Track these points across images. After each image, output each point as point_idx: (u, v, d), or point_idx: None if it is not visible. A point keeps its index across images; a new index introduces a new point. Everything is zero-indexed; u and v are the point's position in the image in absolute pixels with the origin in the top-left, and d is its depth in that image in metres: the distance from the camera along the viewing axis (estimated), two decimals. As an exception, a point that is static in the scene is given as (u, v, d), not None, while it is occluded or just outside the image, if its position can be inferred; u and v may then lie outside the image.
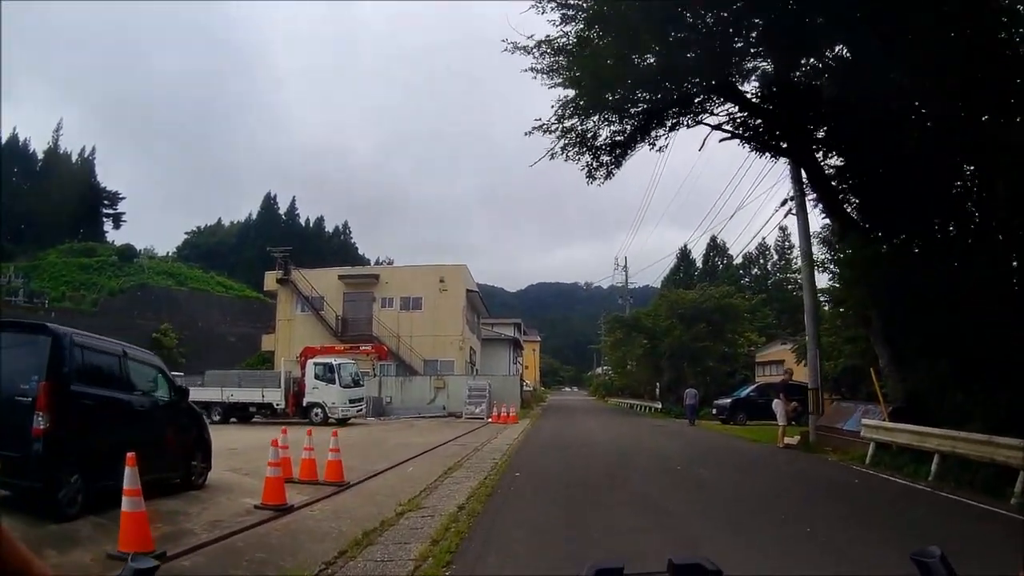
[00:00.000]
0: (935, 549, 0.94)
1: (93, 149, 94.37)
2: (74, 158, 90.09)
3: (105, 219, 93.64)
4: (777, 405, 23.43)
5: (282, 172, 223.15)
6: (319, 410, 34.60)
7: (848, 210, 21.70)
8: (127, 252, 75.61)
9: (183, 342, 59.83)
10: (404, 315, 50.74)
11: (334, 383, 34.99)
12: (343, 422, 34.35)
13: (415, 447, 21.88)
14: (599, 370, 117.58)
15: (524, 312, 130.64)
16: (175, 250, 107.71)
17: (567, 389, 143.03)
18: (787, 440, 22.71)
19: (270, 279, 55.07)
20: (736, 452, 22.33)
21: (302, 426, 33.19)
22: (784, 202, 26.14)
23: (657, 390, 53.31)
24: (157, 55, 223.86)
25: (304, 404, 35.00)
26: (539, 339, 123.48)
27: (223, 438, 17.40)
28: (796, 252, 77.78)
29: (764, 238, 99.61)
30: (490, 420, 37.85)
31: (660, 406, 48.92)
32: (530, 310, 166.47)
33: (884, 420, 18.22)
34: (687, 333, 47.08)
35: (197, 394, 33.93)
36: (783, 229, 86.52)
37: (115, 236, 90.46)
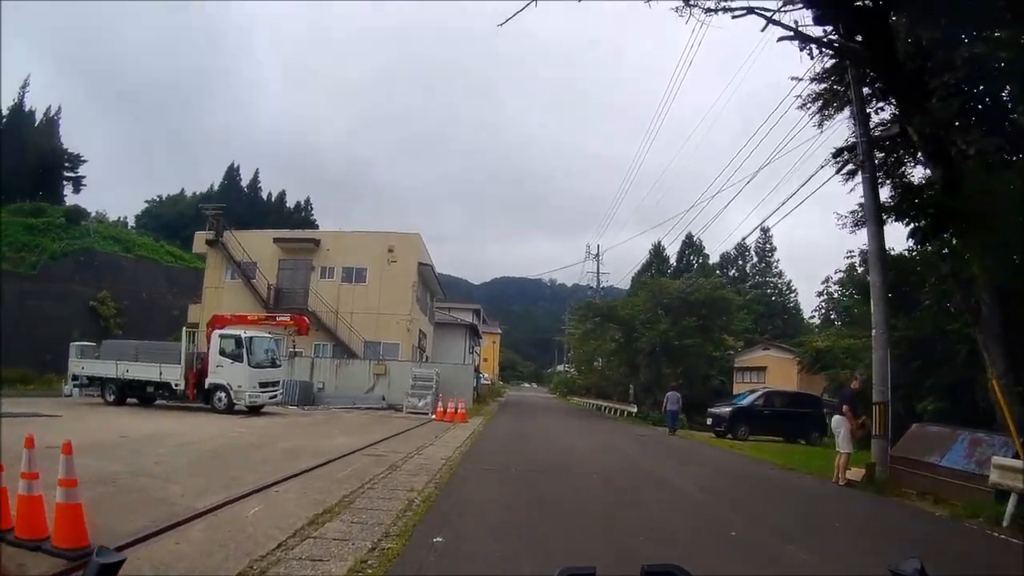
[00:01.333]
0: (914, 561, 0.86)
1: (59, 109, 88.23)
2: (38, 117, 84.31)
3: (65, 182, 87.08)
4: (839, 423, 16.06)
5: (249, 146, 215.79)
6: (223, 394, 27.71)
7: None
8: (75, 214, 68.28)
9: (124, 312, 52.47)
10: (346, 288, 43.26)
11: (242, 361, 27.76)
12: (255, 410, 27.96)
13: (309, 456, 15.00)
14: (560, 367, 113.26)
15: (487, 304, 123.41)
16: (134, 218, 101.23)
17: (526, 385, 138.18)
18: (849, 474, 15.58)
19: (199, 240, 47.46)
20: (783, 490, 14.97)
21: (206, 414, 26.48)
22: (839, 152, 19.41)
23: (631, 391, 46.29)
24: (132, 21, 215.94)
25: (206, 386, 27.91)
26: (500, 331, 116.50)
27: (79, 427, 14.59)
28: (777, 256, 71.77)
29: (744, 238, 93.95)
30: (434, 417, 30.94)
31: (635, 410, 41.77)
32: (493, 303, 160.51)
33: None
34: (673, 327, 40.02)
35: (93, 369, 30.11)
36: (764, 231, 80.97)
37: (75, 201, 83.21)
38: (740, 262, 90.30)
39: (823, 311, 62.20)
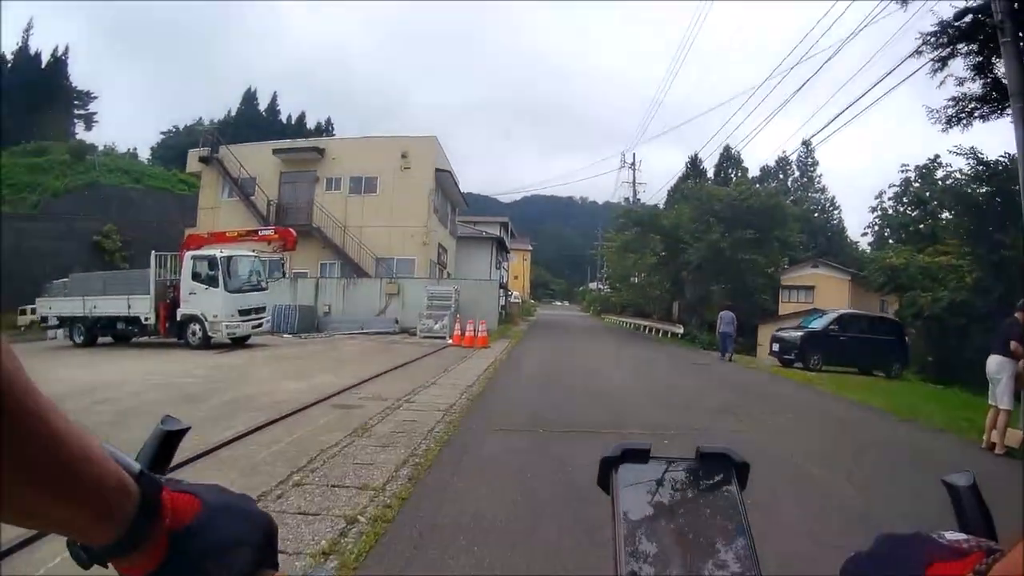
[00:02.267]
0: (969, 474, 0.78)
1: (67, 49, 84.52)
2: (45, 59, 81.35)
3: (77, 120, 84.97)
4: (1002, 367, 10.65)
5: (271, 72, 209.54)
6: (196, 327, 23.68)
7: None
8: (80, 150, 64.72)
9: (132, 245, 48.58)
10: (354, 200, 38.44)
11: (217, 285, 23.55)
12: (240, 342, 24.08)
13: (249, 413, 10.73)
14: (593, 284, 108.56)
15: (518, 223, 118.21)
16: (149, 150, 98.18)
17: (558, 303, 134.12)
18: (1008, 438, 10.51)
19: (193, 159, 43.10)
20: (927, 462, 9.67)
21: (180, 351, 22.36)
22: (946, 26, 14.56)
23: (674, 310, 41.36)
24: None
25: (178, 318, 23.81)
26: (531, 247, 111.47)
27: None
28: (819, 170, 65.79)
29: (784, 151, 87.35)
30: (451, 342, 26.57)
31: (681, 330, 36.87)
32: (524, 222, 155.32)
33: None
34: (726, 239, 34.77)
35: (60, 307, 25.31)
36: (806, 144, 74.35)
37: (88, 137, 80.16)
38: (781, 176, 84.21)
39: (876, 228, 56.66)
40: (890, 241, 50.29)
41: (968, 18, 14.64)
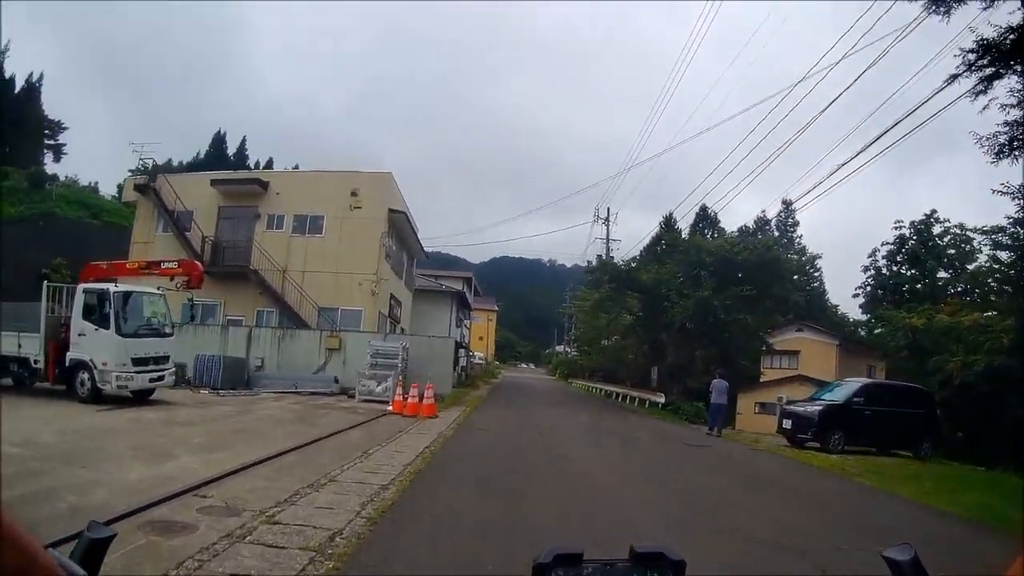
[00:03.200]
0: (908, 547, 0.90)
1: (41, 75, 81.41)
2: (19, 84, 77.38)
3: (46, 150, 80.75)
4: None
5: (242, 120, 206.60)
6: (86, 375, 18.55)
7: None
8: (38, 177, 62.90)
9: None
10: (297, 241, 33.61)
11: (108, 327, 18.56)
12: (142, 396, 19.50)
13: (41, 520, 4.82)
14: (560, 348, 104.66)
15: (485, 284, 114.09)
16: (116, 188, 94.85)
17: (523, 366, 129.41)
18: None
19: (129, 187, 37.96)
20: None
21: (64, 403, 17.60)
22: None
23: (653, 376, 36.76)
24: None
25: (67, 363, 18.77)
26: (496, 308, 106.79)
27: None
28: (800, 231, 62.01)
29: (764, 211, 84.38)
30: (391, 409, 21.73)
31: (662, 400, 32.17)
32: (492, 283, 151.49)
33: None
34: (718, 296, 30.42)
35: None
36: (787, 204, 71.24)
37: (56, 169, 78.89)
38: (760, 236, 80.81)
39: (868, 288, 52.61)
40: (883, 304, 46.57)
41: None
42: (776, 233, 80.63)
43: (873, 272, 51.63)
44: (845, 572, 6.99)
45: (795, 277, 41.41)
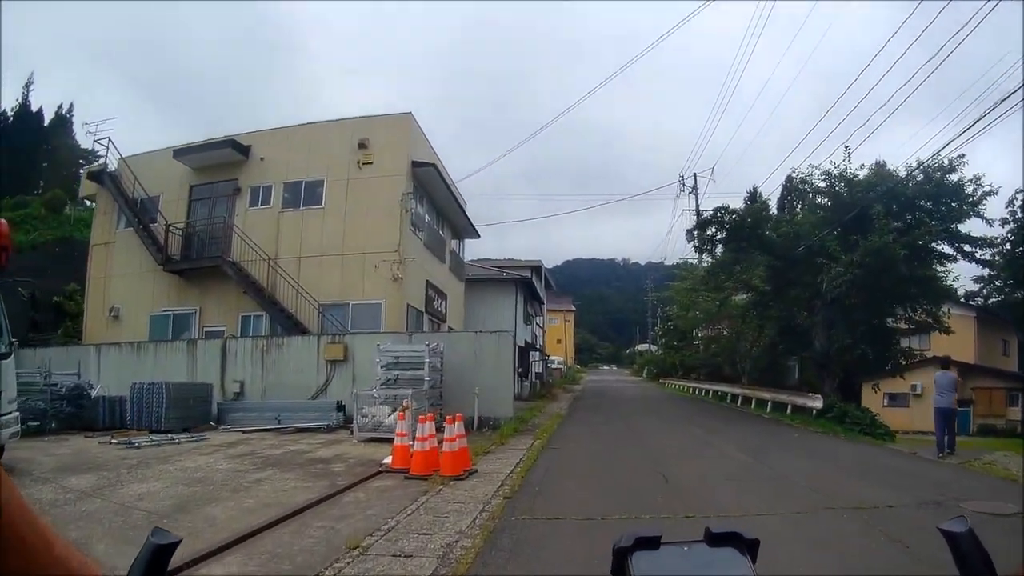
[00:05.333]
0: (964, 520, 0.83)
1: (71, 106, 77.19)
2: (48, 116, 74.49)
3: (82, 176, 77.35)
4: None
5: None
6: None
7: None
8: (56, 202, 57.73)
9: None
10: (290, 218, 24.18)
11: None
12: None
13: None
14: (641, 347, 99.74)
15: (560, 287, 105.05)
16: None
17: (605, 367, 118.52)
18: None
19: (87, 181, 30.19)
20: None
21: None
22: None
23: (796, 372, 26.08)
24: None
25: None
26: (573, 308, 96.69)
27: None
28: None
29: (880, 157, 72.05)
30: (387, 463, 11.58)
31: (819, 404, 21.35)
32: (566, 286, 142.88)
33: None
34: (901, 241, 19.84)
35: None
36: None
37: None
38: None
39: (1006, 246, 38.65)
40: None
41: None
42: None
43: (1014, 225, 37.94)
44: None
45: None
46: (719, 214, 24.09)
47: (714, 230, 24.65)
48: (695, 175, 45.85)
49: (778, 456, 13.45)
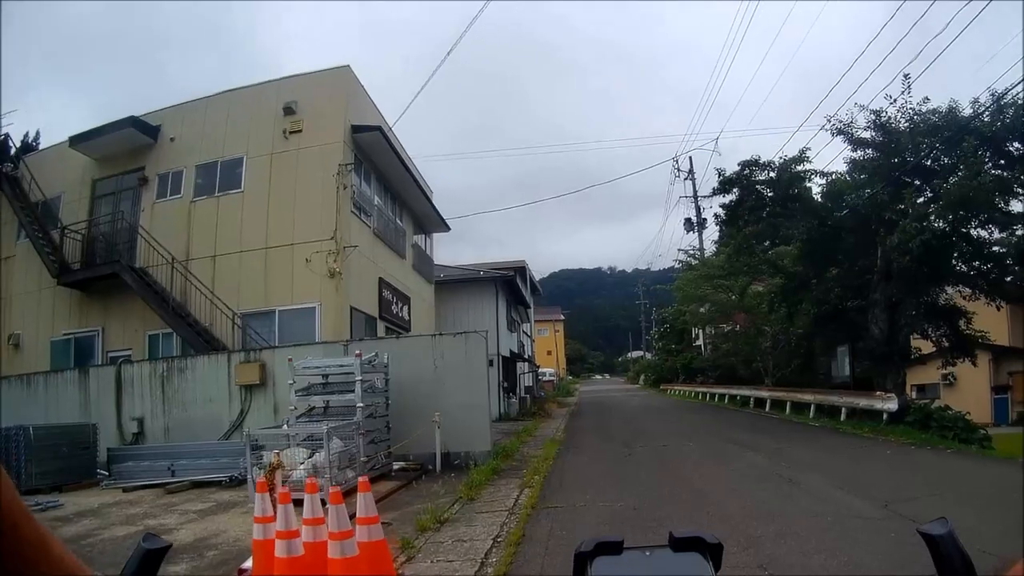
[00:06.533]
0: (945, 522, 0.82)
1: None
2: None
3: None
4: None
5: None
6: None
7: None
8: None
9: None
10: (204, 208, 18.85)
11: None
12: None
13: None
14: (634, 354, 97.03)
15: (547, 298, 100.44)
16: None
17: (598, 377, 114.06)
18: None
19: None
20: None
21: None
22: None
23: (840, 365, 21.13)
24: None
25: None
26: (562, 317, 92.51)
27: None
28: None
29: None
30: (246, 567, 5.66)
31: (893, 406, 16.11)
32: (554, 298, 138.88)
33: None
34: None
35: None
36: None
37: None
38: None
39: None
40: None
41: None
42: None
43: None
44: None
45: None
46: (747, 170, 18.72)
47: (738, 194, 19.24)
48: (690, 158, 40.92)
49: (928, 504, 8.14)
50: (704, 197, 20.35)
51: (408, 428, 12.18)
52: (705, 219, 42.46)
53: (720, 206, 20.00)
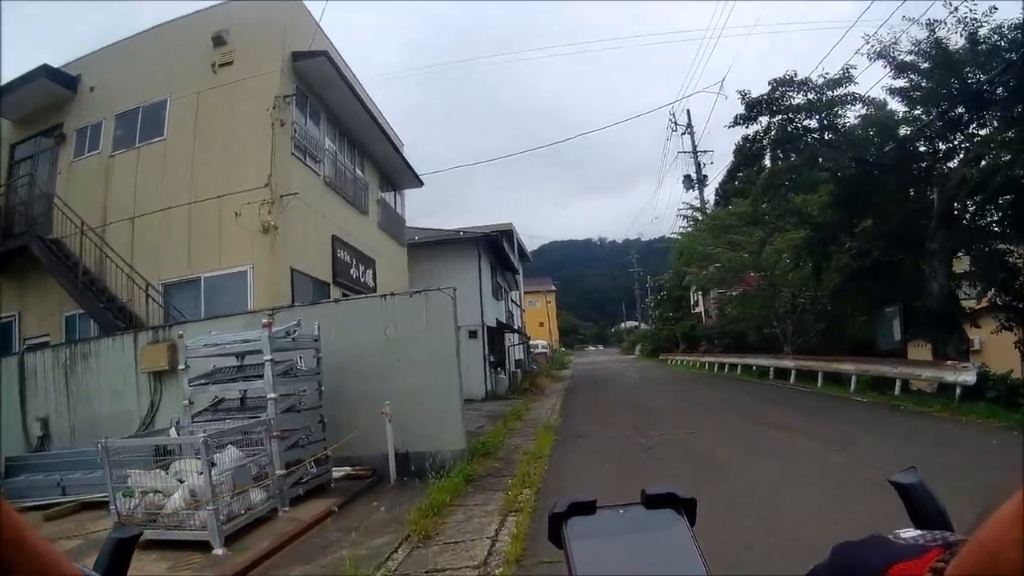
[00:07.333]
0: (915, 471, 0.82)
1: None
2: None
3: None
4: None
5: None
6: None
7: None
8: None
9: None
10: (123, 162, 15.47)
11: None
12: None
13: None
14: (628, 323, 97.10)
15: (537, 270, 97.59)
16: None
17: (591, 348, 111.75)
18: None
19: None
20: None
21: None
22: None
23: (893, 328, 17.90)
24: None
25: None
26: (554, 288, 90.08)
27: None
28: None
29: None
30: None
31: (971, 378, 12.87)
32: (544, 269, 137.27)
33: None
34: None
35: None
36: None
37: None
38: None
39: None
40: None
41: None
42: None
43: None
44: None
45: None
46: (779, 90, 15.34)
47: (766, 123, 15.87)
48: (687, 110, 37.72)
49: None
50: (728, 127, 16.68)
51: (352, 423, 9.01)
52: (706, 175, 39.35)
53: (742, 138, 16.76)
